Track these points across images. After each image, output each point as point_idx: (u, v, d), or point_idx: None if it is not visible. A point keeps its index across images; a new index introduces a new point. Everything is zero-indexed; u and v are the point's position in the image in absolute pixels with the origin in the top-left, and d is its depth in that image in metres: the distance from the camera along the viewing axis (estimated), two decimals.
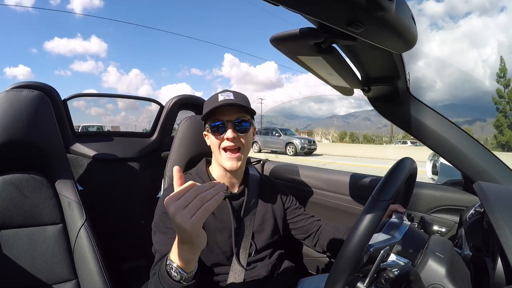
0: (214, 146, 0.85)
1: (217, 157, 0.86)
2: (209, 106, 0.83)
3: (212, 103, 0.83)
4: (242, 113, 0.84)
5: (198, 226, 0.51)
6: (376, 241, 0.60)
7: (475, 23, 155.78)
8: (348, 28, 0.38)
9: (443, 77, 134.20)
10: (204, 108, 0.88)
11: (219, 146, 0.84)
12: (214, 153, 0.88)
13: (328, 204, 1.28)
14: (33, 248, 0.88)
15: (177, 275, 0.58)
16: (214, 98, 0.86)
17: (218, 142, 0.83)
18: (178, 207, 0.50)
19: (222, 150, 0.84)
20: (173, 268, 0.58)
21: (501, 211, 0.51)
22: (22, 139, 0.92)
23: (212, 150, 0.89)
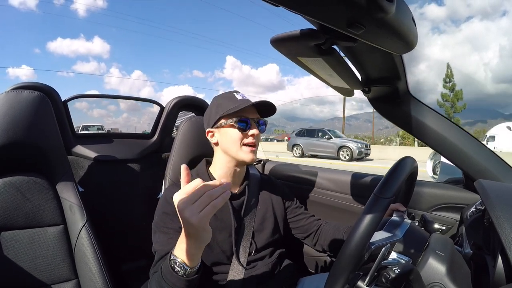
0: (234, 142, 0.85)
1: (234, 152, 0.86)
2: (232, 103, 0.86)
3: (233, 100, 0.87)
4: (258, 114, 0.90)
5: (205, 221, 0.54)
6: (377, 239, 0.61)
7: (477, 27, 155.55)
8: (348, 29, 0.38)
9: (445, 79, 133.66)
10: (221, 105, 0.88)
11: (240, 141, 0.86)
12: (228, 148, 0.87)
13: (329, 203, 1.29)
14: (34, 249, 0.88)
15: (181, 270, 0.59)
16: (231, 96, 0.88)
17: (242, 137, 0.86)
18: (186, 202, 0.52)
19: (242, 146, 0.86)
20: (177, 263, 0.59)
21: (502, 208, 0.51)
22: (22, 140, 0.92)
23: (223, 146, 0.88)
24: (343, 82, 0.71)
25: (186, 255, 0.59)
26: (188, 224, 0.54)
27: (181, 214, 0.53)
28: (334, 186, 1.28)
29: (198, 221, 0.52)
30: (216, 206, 0.53)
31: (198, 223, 0.52)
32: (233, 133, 0.86)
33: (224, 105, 0.87)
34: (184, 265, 0.59)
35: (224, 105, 0.87)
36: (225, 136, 0.87)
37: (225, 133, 0.87)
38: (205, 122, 0.94)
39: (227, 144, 0.87)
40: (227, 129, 0.87)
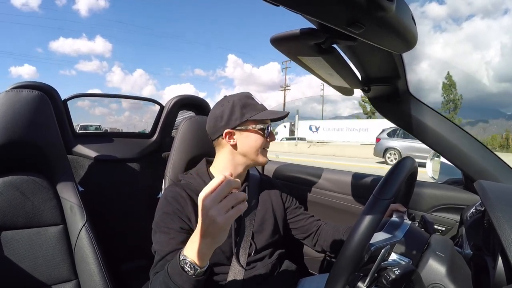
0: (255, 146, 0.87)
1: (254, 155, 0.88)
2: (259, 109, 0.87)
3: (258, 106, 0.88)
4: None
5: (230, 222, 0.55)
6: (377, 240, 0.60)
7: (478, 25, 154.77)
8: (348, 28, 0.38)
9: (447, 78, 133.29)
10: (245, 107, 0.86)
11: (261, 146, 0.88)
12: (248, 152, 0.87)
13: (328, 203, 1.29)
14: (34, 249, 0.88)
15: (191, 270, 0.59)
16: (253, 100, 0.89)
17: (264, 143, 0.89)
18: (213, 200, 0.53)
19: (262, 149, 0.89)
20: (187, 263, 0.59)
21: (502, 209, 0.51)
22: (22, 140, 0.91)
23: (242, 150, 0.87)
24: (343, 81, 0.71)
25: (197, 255, 0.58)
26: (212, 223, 0.54)
27: (206, 213, 0.54)
28: (334, 187, 1.28)
29: (224, 221, 0.53)
30: (240, 210, 0.55)
31: (223, 223, 0.53)
32: (258, 138, 0.87)
33: (250, 108, 0.86)
34: (195, 265, 0.59)
35: (250, 108, 0.86)
36: (248, 139, 0.87)
37: (249, 137, 0.86)
38: (219, 121, 0.87)
39: (248, 148, 0.87)
40: (252, 134, 0.87)
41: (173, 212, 0.80)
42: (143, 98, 1.85)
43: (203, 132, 0.94)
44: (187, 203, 0.82)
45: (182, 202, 0.82)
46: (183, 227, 0.79)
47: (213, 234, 0.56)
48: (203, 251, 0.58)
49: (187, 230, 0.79)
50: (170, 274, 0.62)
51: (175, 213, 0.80)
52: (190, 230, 0.80)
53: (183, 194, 0.83)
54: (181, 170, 1.07)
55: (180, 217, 0.80)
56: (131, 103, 3.76)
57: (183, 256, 0.60)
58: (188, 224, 0.80)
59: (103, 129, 2.94)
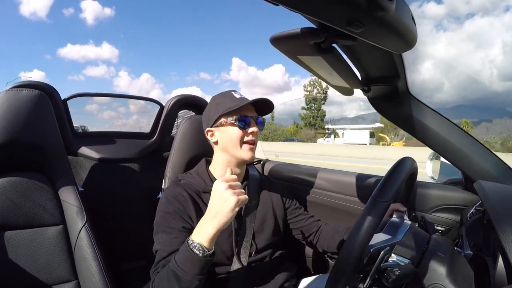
0: (234, 140, 0.86)
1: (234, 150, 0.86)
2: (231, 102, 0.86)
3: (232, 99, 0.87)
4: (256, 112, 0.92)
5: (240, 204, 0.67)
6: (377, 241, 0.60)
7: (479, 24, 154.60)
8: (347, 28, 0.38)
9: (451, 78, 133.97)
10: (220, 104, 0.88)
11: (241, 139, 0.86)
12: (228, 147, 0.87)
13: (328, 204, 1.28)
14: (34, 249, 0.88)
15: (199, 252, 0.66)
16: (229, 96, 0.89)
17: (242, 135, 0.86)
18: (229, 185, 0.67)
19: (243, 144, 0.87)
20: (196, 246, 0.66)
21: (502, 209, 0.51)
22: (22, 139, 0.91)
23: (223, 145, 0.88)
24: (342, 81, 0.71)
25: (205, 237, 0.66)
26: (225, 202, 0.66)
27: (222, 192, 0.66)
28: (333, 187, 1.28)
29: (236, 201, 0.66)
30: (246, 199, 0.68)
31: (236, 203, 0.65)
32: (233, 131, 0.86)
33: (223, 103, 0.87)
34: (203, 247, 0.66)
35: (223, 104, 0.87)
36: (225, 134, 0.87)
37: (225, 131, 0.87)
38: (204, 121, 0.93)
39: (227, 142, 0.87)
40: (227, 128, 0.86)
41: (175, 212, 0.80)
42: (143, 98, 1.85)
43: (203, 132, 0.94)
44: (188, 203, 0.82)
45: (183, 202, 0.82)
46: (185, 227, 0.79)
47: (222, 214, 0.65)
48: (210, 233, 0.66)
49: (189, 229, 0.79)
50: (178, 262, 0.66)
51: (176, 212, 0.80)
52: (191, 230, 0.80)
53: (184, 193, 0.83)
54: (181, 170, 1.07)
55: (182, 216, 0.80)
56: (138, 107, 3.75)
57: (191, 241, 0.67)
58: (190, 223, 0.80)
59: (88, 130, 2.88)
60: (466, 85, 64.77)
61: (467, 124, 28.75)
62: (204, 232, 0.67)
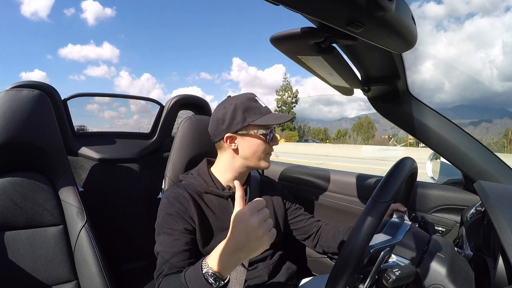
0: (259, 152, 0.85)
1: (256, 160, 0.86)
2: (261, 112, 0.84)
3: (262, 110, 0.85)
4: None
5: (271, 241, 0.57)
6: (377, 242, 0.60)
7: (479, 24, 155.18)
8: (348, 28, 0.38)
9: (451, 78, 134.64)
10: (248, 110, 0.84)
11: (264, 151, 0.86)
12: (250, 156, 0.85)
13: (329, 204, 1.28)
14: (33, 249, 0.88)
15: (215, 283, 0.58)
16: (256, 103, 0.85)
17: (267, 148, 0.86)
18: (261, 219, 0.56)
19: (266, 155, 0.87)
20: (212, 275, 0.58)
21: (502, 210, 0.51)
22: (21, 139, 0.91)
23: (244, 154, 0.85)
24: (342, 81, 0.70)
25: (224, 267, 0.58)
26: (259, 239, 0.55)
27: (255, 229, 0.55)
28: (334, 187, 1.28)
29: (270, 239, 0.56)
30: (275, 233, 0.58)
31: (269, 241, 0.56)
32: (259, 143, 0.84)
33: (253, 112, 0.83)
34: (220, 278, 0.58)
35: (253, 112, 0.83)
36: (249, 144, 0.84)
37: (251, 141, 0.84)
38: (220, 124, 0.85)
39: (251, 152, 0.85)
40: (252, 138, 0.84)
41: (177, 213, 0.80)
42: (143, 98, 1.85)
43: (203, 131, 0.93)
44: (190, 204, 0.81)
45: (185, 203, 0.81)
46: (187, 228, 0.78)
47: (250, 251, 0.56)
48: (232, 264, 0.58)
49: (190, 230, 0.79)
50: (188, 282, 0.61)
51: (178, 214, 0.80)
52: (193, 231, 0.80)
53: (185, 194, 0.83)
54: (181, 170, 1.07)
55: (183, 218, 0.79)
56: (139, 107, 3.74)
57: (207, 268, 0.59)
58: (192, 225, 0.80)
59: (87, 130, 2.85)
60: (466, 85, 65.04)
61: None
62: (224, 263, 0.58)
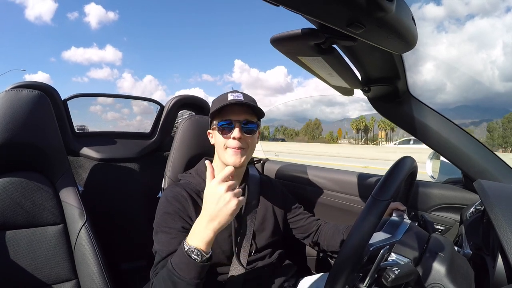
0: (219, 143, 0.85)
1: (221, 155, 0.86)
2: (218, 104, 0.83)
3: (221, 101, 0.84)
4: (250, 115, 0.85)
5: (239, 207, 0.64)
6: (376, 240, 0.60)
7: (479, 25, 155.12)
8: (348, 28, 0.38)
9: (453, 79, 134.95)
10: (212, 106, 0.88)
11: (224, 144, 0.84)
12: (218, 151, 0.88)
13: (328, 203, 1.29)
14: (34, 248, 0.88)
15: (198, 257, 0.63)
16: (223, 97, 0.86)
17: (224, 141, 0.83)
18: (229, 186, 0.63)
19: (227, 148, 0.84)
20: (194, 250, 0.63)
21: (501, 208, 0.51)
22: (22, 139, 0.91)
23: (215, 149, 0.89)
24: (342, 82, 0.71)
25: (203, 240, 0.63)
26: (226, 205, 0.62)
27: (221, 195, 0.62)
28: (333, 186, 1.28)
29: (237, 204, 0.62)
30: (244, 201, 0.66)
31: (236, 206, 0.62)
32: (218, 136, 0.85)
33: (213, 106, 0.86)
34: (201, 252, 0.63)
35: (213, 107, 0.86)
36: (215, 138, 0.87)
37: (214, 134, 0.87)
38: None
39: (216, 145, 0.87)
40: (215, 131, 0.86)
41: (175, 212, 0.80)
42: (143, 98, 1.85)
43: (203, 131, 0.94)
44: (188, 203, 0.82)
45: (183, 202, 0.82)
46: (185, 227, 0.79)
47: (222, 217, 0.62)
48: (208, 236, 0.63)
49: (188, 229, 0.79)
50: (174, 266, 0.64)
51: (176, 212, 0.80)
52: None
53: (184, 193, 0.83)
54: (180, 169, 1.07)
55: (181, 216, 0.80)
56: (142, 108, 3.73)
57: (187, 245, 0.64)
58: (189, 224, 0.80)
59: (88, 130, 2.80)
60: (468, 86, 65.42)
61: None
62: (201, 236, 0.63)
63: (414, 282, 0.53)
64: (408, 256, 0.62)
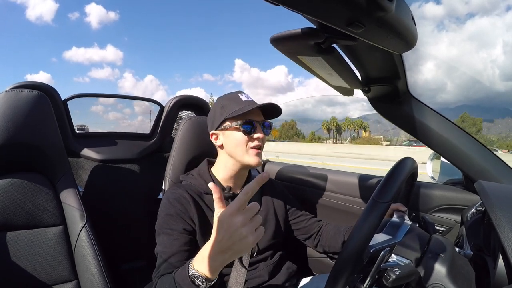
0: (239, 145, 0.84)
1: (240, 155, 0.85)
2: (236, 105, 0.84)
3: (237, 102, 0.85)
4: (263, 117, 0.89)
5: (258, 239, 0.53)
6: (377, 241, 0.60)
7: (479, 24, 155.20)
8: (348, 28, 0.38)
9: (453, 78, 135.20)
10: (225, 107, 0.86)
11: (246, 144, 0.84)
12: (234, 152, 0.86)
13: (329, 204, 1.29)
14: (34, 249, 0.88)
15: (202, 284, 0.57)
16: (235, 98, 0.86)
17: (247, 141, 0.84)
18: (245, 218, 0.52)
19: (249, 149, 0.85)
20: (198, 277, 0.57)
21: (502, 209, 0.51)
22: (22, 140, 0.91)
23: (228, 149, 0.87)
24: (342, 81, 0.71)
25: (210, 269, 0.56)
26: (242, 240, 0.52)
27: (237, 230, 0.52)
28: (334, 187, 1.28)
29: (254, 240, 0.52)
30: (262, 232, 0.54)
31: (254, 242, 0.52)
32: (239, 136, 0.84)
33: (229, 106, 0.85)
34: (207, 279, 0.57)
35: (229, 107, 0.85)
36: (230, 139, 0.86)
37: (230, 135, 0.85)
38: (209, 123, 0.92)
39: (232, 147, 0.86)
40: (232, 132, 0.85)
41: (176, 214, 0.80)
42: (143, 98, 1.85)
43: (203, 132, 0.93)
44: (190, 204, 0.82)
45: (185, 203, 0.82)
46: (186, 229, 0.79)
47: (237, 251, 0.54)
48: (217, 266, 0.56)
49: (190, 231, 0.79)
50: (177, 284, 0.61)
51: (178, 214, 0.80)
52: (193, 231, 0.80)
53: (186, 195, 0.83)
54: (181, 170, 1.07)
55: (183, 218, 0.80)
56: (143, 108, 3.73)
57: (193, 270, 0.58)
58: (191, 225, 0.80)
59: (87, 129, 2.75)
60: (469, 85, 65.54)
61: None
62: (209, 265, 0.56)
63: (415, 282, 0.53)
64: (409, 257, 0.62)
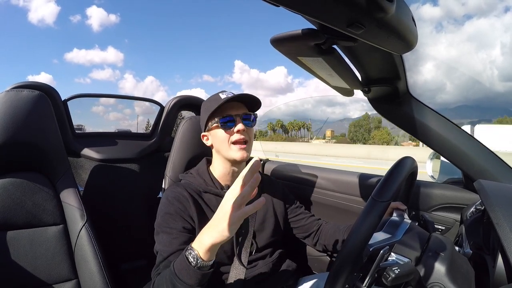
0: (222, 142, 0.86)
1: (225, 152, 0.86)
2: (215, 103, 0.85)
3: (216, 101, 0.86)
4: (246, 109, 0.89)
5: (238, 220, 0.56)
6: (376, 240, 0.61)
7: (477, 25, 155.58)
8: (348, 29, 0.38)
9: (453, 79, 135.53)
10: (207, 108, 0.88)
11: (228, 140, 0.85)
12: (220, 149, 0.87)
13: (329, 203, 1.29)
14: (34, 248, 0.88)
15: (193, 261, 0.59)
16: (215, 97, 0.88)
17: (228, 136, 0.85)
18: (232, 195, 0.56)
19: (231, 144, 0.85)
20: (191, 253, 0.60)
21: (502, 208, 0.51)
22: (22, 140, 0.91)
23: (216, 148, 0.89)
24: (343, 82, 0.71)
25: (203, 247, 0.59)
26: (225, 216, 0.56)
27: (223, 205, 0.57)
28: (334, 186, 1.28)
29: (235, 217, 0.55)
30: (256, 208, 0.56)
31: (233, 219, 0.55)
32: (220, 133, 0.86)
33: (209, 107, 0.87)
34: (198, 257, 0.59)
35: (209, 107, 0.87)
36: (215, 137, 0.88)
37: (215, 134, 0.88)
38: (201, 127, 0.94)
39: (218, 145, 0.88)
40: (216, 130, 0.87)
41: (176, 212, 0.80)
42: (143, 98, 1.85)
43: (201, 133, 0.94)
44: (189, 203, 0.82)
45: (185, 202, 0.82)
46: (186, 227, 0.79)
47: (219, 228, 0.57)
48: (206, 241, 0.58)
49: (189, 229, 0.79)
50: (175, 269, 0.61)
51: (177, 213, 0.80)
52: (193, 230, 0.80)
53: (185, 193, 0.83)
54: (181, 170, 1.07)
55: (182, 217, 0.80)
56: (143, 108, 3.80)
57: (190, 248, 0.61)
58: (191, 224, 0.80)
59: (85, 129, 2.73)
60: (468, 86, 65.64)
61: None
62: (201, 241, 0.59)
63: (414, 281, 0.53)
64: (409, 256, 0.62)
